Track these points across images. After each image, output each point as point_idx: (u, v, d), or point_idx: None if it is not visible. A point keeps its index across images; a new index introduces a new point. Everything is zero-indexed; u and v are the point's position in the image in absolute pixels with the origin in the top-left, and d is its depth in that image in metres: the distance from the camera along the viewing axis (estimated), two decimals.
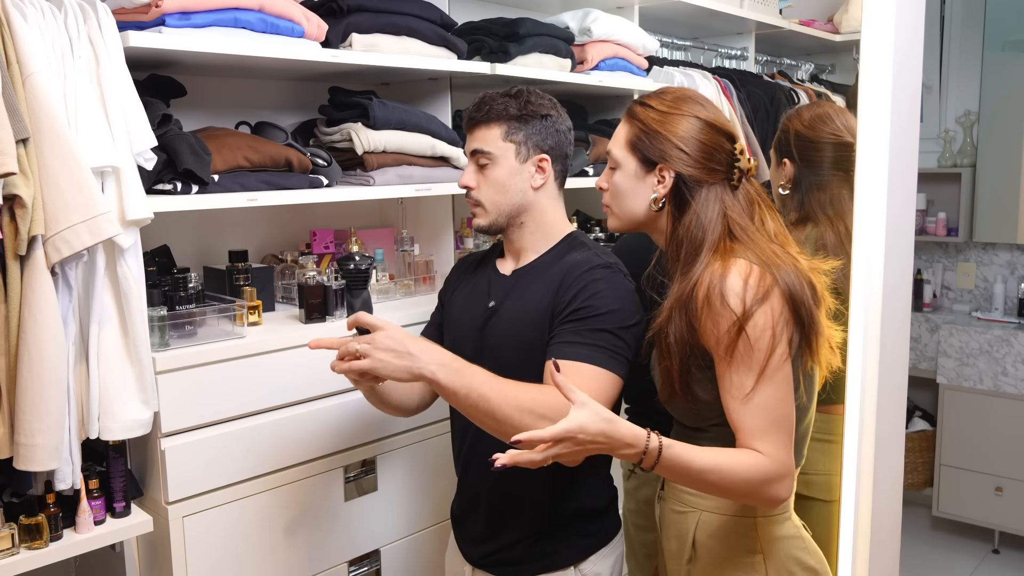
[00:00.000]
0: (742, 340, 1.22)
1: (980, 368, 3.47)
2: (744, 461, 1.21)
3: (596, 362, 1.35)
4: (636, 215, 1.38)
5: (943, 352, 3.56)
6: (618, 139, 1.39)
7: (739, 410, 1.23)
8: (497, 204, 1.49)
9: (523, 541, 1.49)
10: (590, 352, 1.36)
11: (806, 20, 3.58)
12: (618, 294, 1.41)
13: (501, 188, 1.48)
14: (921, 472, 3.74)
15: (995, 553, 3.53)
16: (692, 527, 1.36)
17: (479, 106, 1.50)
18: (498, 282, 1.54)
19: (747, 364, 1.22)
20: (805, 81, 3.80)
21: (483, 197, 1.49)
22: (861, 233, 1.21)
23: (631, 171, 1.37)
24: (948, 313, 3.87)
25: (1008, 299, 3.76)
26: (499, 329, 1.48)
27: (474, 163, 1.51)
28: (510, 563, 1.51)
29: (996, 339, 3.43)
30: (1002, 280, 3.77)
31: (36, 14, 1.38)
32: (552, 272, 1.46)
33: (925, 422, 3.81)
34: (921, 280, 3.89)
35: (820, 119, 1.86)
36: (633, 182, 1.37)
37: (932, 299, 3.91)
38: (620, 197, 1.39)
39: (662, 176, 1.34)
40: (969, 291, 3.93)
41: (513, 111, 1.47)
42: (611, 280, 1.42)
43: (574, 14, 2.51)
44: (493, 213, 1.49)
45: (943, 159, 3.89)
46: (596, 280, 1.41)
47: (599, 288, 1.40)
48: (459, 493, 1.61)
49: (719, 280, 1.24)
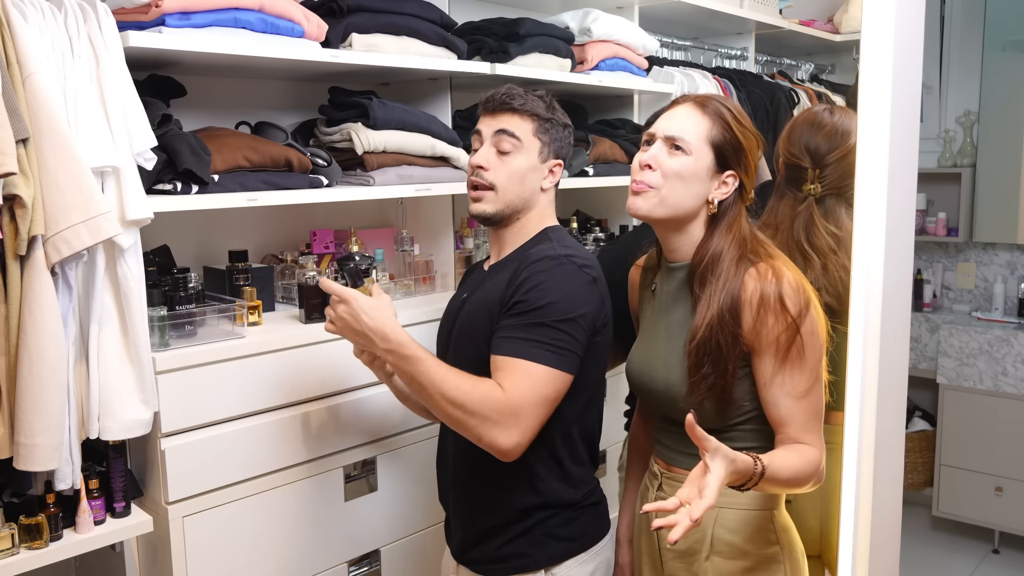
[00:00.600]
0: (798, 341, 1.28)
1: (980, 368, 3.47)
2: (807, 458, 1.28)
3: (532, 358, 1.35)
4: (683, 206, 1.36)
5: (943, 352, 3.56)
6: (693, 129, 1.35)
7: (792, 406, 1.30)
8: (508, 191, 1.47)
9: (496, 539, 1.49)
10: (526, 348, 1.35)
11: (806, 20, 3.58)
12: (560, 285, 1.38)
13: (519, 178, 1.47)
14: (921, 472, 3.74)
15: (995, 553, 3.53)
16: (710, 524, 1.38)
17: (511, 94, 1.48)
18: (478, 276, 1.58)
19: (800, 363, 1.29)
20: (805, 81, 3.81)
21: (497, 180, 1.46)
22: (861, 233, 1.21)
23: (703, 165, 1.35)
24: (948, 313, 3.87)
25: (1008, 299, 3.76)
26: (461, 320, 1.52)
27: (494, 145, 1.47)
28: (485, 561, 1.52)
29: (996, 339, 3.43)
30: (1002, 280, 3.78)
31: (36, 14, 1.37)
32: (513, 265, 1.47)
33: (925, 422, 3.81)
34: (921, 280, 3.89)
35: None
36: (699, 176, 1.35)
37: (932, 299, 3.91)
38: (676, 183, 1.34)
39: (726, 182, 1.35)
40: (969, 291, 3.93)
41: (544, 112, 1.49)
42: (556, 272, 1.40)
43: (574, 14, 2.51)
44: (502, 201, 1.47)
45: (943, 159, 3.89)
46: (540, 272, 1.39)
47: (541, 280, 1.39)
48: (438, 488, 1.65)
49: (773, 285, 1.29)
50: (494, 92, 1.51)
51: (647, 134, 1.40)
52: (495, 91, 1.51)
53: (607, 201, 2.87)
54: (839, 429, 1.31)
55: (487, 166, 1.47)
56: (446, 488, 1.59)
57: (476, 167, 1.48)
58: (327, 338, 1.74)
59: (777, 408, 1.31)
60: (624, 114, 2.82)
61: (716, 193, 1.35)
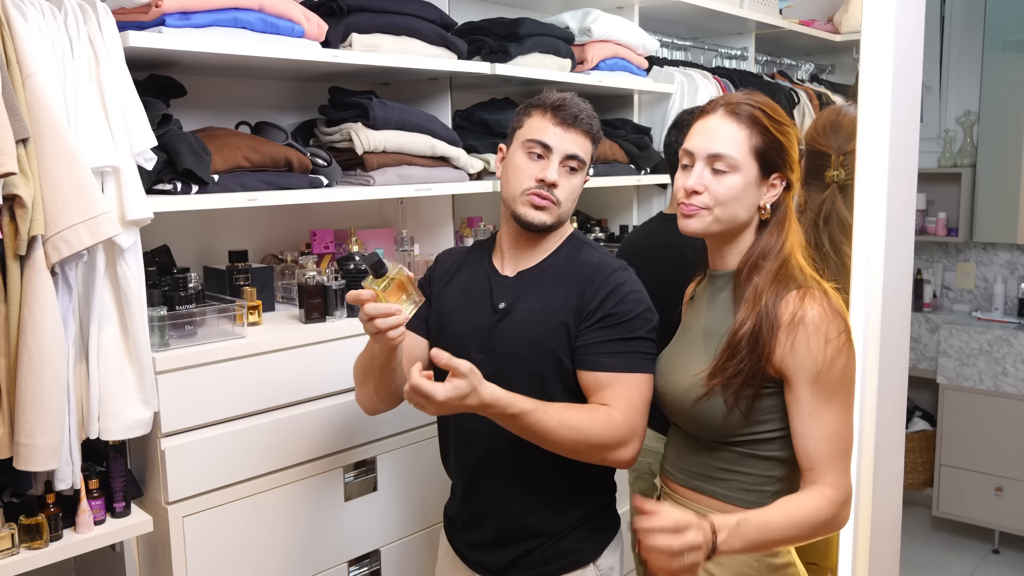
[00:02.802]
0: (833, 372, 1.24)
1: (980, 368, 3.47)
2: (817, 506, 1.22)
3: (639, 369, 1.40)
4: (737, 220, 1.35)
5: (943, 352, 3.56)
6: (733, 142, 1.32)
7: (818, 436, 1.25)
8: (567, 207, 1.48)
9: (540, 546, 1.48)
10: (631, 360, 1.40)
11: (806, 20, 3.58)
12: (642, 296, 1.44)
13: (574, 195, 1.49)
14: (921, 472, 3.74)
15: (995, 553, 3.53)
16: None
17: (582, 109, 1.47)
18: (501, 283, 1.50)
19: (830, 394, 1.25)
20: (805, 81, 3.81)
21: (563, 197, 1.46)
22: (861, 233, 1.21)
23: (751, 177, 1.33)
24: (948, 313, 3.87)
25: (1008, 299, 3.75)
26: (514, 331, 1.46)
27: (569, 165, 1.47)
28: (529, 567, 1.49)
29: (996, 339, 3.43)
30: (1002, 280, 3.77)
31: (36, 14, 1.37)
32: (567, 274, 1.46)
33: (925, 422, 3.81)
34: (921, 280, 3.89)
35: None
36: (750, 188, 1.33)
37: (932, 299, 3.91)
38: (732, 201, 1.33)
39: (774, 184, 1.34)
40: (969, 291, 3.93)
41: (597, 130, 1.50)
42: (633, 283, 1.45)
43: (574, 14, 2.51)
44: (563, 214, 1.48)
45: (943, 159, 3.89)
46: (621, 284, 1.43)
47: (625, 292, 1.42)
48: (461, 503, 1.56)
49: (815, 311, 1.26)
50: (563, 99, 1.47)
51: (685, 152, 1.37)
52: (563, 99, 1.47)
53: (607, 201, 2.88)
54: None
55: (559, 184, 1.46)
56: (479, 511, 1.53)
57: (552, 183, 1.46)
58: (327, 338, 1.74)
59: (804, 437, 1.27)
60: (624, 114, 2.82)
61: (767, 198, 1.34)
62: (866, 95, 1.19)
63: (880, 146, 1.18)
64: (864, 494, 1.26)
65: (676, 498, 1.41)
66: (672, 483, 1.43)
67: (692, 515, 1.13)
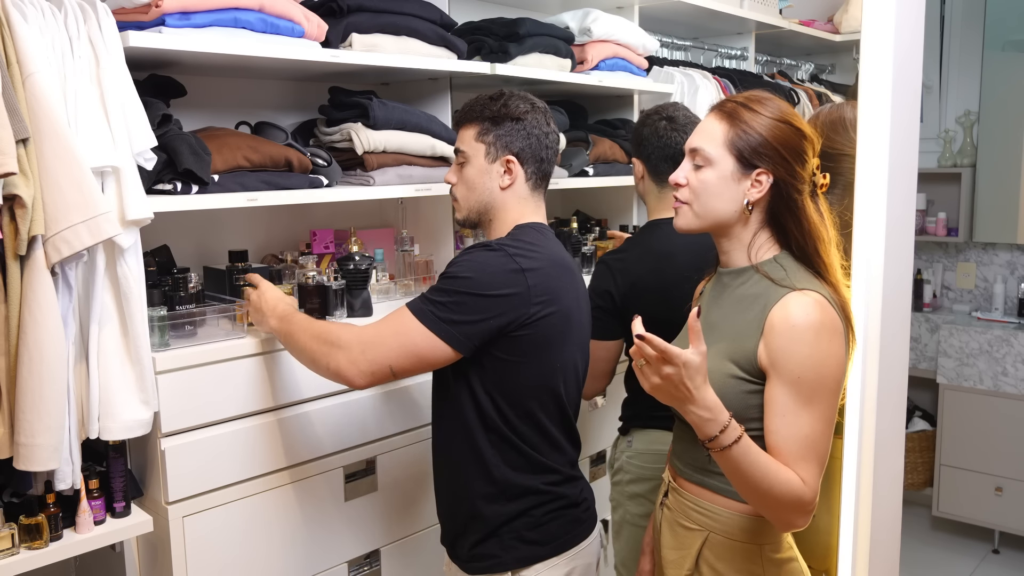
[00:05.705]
0: (814, 373, 1.24)
1: (980, 368, 3.47)
2: (790, 480, 1.22)
3: (412, 308, 1.42)
4: (720, 216, 1.35)
5: (943, 352, 3.56)
6: (712, 136, 1.35)
7: (788, 436, 1.24)
8: (467, 200, 1.56)
9: (471, 538, 1.51)
10: (415, 300, 1.44)
11: (806, 20, 3.58)
12: (476, 267, 1.42)
13: (471, 185, 1.55)
14: (921, 472, 3.74)
15: (995, 553, 3.53)
16: (698, 545, 1.36)
17: (463, 107, 1.58)
18: None
19: (807, 400, 1.24)
20: (805, 81, 3.81)
21: (458, 193, 1.58)
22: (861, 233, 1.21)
23: (727, 171, 1.33)
24: (948, 313, 3.87)
25: (1008, 299, 3.76)
26: None
27: (456, 161, 1.58)
28: (462, 559, 1.55)
29: (996, 339, 3.43)
30: (1002, 280, 3.78)
31: (36, 14, 1.37)
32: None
33: (925, 422, 3.81)
34: (921, 280, 3.89)
35: None
36: (727, 182, 1.34)
37: (932, 299, 3.91)
38: (707, 196, 1.35)
39: (758, 180, 1.33)
40: (969, 291, 3.93)
41: (487, 113, 1.53)
42: (481, 256, 1.44)
43: (574, 14, 2.51)
44: (464, 209, 1.58)
45: (943, 159, 3.90)
46: (468, 251, 1.47)
47: (462, 258, 1.46)
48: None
49: (802, 312, 1.25)
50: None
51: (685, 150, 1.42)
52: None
53: (607, 201, 2.87)
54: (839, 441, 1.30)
55: (451, 181, 1.60)
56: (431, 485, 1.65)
57: (447, 182, 1.61)
58: None
59: (775, 433, 1.26)
60: (624, 114, 2.82)
61: (751, 194, 1.33)
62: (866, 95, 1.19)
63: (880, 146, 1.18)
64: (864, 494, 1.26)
65: (680, 492, 1.41)
66: (681, 479, 1.43)
67: (698, 356, 1.17)
